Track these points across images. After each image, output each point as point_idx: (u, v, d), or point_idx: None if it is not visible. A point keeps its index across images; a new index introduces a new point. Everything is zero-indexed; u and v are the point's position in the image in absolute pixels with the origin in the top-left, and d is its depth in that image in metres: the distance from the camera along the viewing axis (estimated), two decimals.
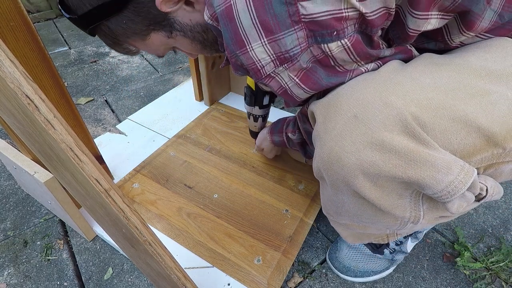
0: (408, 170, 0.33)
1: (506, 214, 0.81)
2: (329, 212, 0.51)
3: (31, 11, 1.92)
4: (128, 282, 0.67)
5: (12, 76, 0.30)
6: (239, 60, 0.39)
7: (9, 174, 0.91)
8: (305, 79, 0.39)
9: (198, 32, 0.46)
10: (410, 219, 0.39)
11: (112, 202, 0.36)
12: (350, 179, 0.36)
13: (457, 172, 0.32)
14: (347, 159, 0.35)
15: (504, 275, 0.68)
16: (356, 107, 0.36)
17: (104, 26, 0.44)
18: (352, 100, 0.36)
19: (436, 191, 0.33)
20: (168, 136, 0.99)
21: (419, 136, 0.33)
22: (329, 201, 0.47)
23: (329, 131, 0.37)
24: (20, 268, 0.70)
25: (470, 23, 0.36)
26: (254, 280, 0.63)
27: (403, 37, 0.38)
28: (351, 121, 0.36)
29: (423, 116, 0.33)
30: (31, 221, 0.79)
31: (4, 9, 0.47)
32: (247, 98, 0.74)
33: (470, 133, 0.33)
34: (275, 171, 0.86)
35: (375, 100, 0.35)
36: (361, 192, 0.37)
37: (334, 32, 0.34)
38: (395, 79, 0.36)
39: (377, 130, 0.34)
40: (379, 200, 0.37)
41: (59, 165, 0.37)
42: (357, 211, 0.42)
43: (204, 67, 1.00)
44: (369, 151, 0.34)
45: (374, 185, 0.36)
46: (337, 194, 0.42)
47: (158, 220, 0.74)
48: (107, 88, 1.33)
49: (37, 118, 0.31)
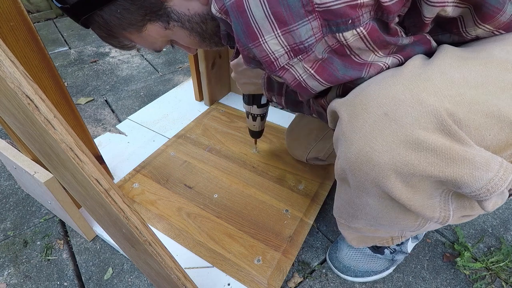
0: (446, 169, 0.32)
1: (506, 214, 0.81)
2: (342, 216, 0.50)
3: (31, 11, 1.92)
4: (128, 282, 0.67)
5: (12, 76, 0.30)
6: (252, 53, 0.38)
7: (9, 174, 0.91)
8: (321, 71, 0.38)
9: (197, 22, 0.45)
10: (439, 219, 0.38)
11: (112, 202, 0.36)
12: (381, 179, 0.35)
13: (496, 169, 0.31)
14: (379, 159, 0.34)
15: (504, 275, 0.68)
16: (386, 104, 0.34)
17: (98, 17, 0.43)
18: (380, 97, 0.35)
19: (474, 189, 0.32)
20: (168, 136, 0.99)
21: (455, 133, 0.32)
22: (347, 203, 0.46)
23: (357, 130, 0.36)
24: (20, 268, 0.70)
25: (487, 16, 0.35)
26: (254, 280, 0.63)
27: (419, 26, 0.37)
28: (382, 119, 0.34)
29: (458, 113, 0.32)
30: (31, 221, 0.79)
31: (4, 9, 0.47)
32: (245, 97, 0.74)
33: (503, 128, 0.32)
34: (275, 171, 0.86)
35: (406, 97, 0.34)
36: (391, 193, 0.35)
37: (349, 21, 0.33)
38: (424, 75, 0.35)
39: (411, 128, 0.32)
40: (410, 201, 0.36)
41: (59, 165, 0.37)
42: (379, 214, 0.42)
43: (204, 67, 1.00)
44: (403, 150, 0.33)
45: (405, 186, 0.35)
46: (360, 196, 0.41)
47: (158, 220, 0.74)
48: (107, 88, 1.33)
49: (37, 118, 0.31)
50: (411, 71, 0.35)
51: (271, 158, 0.91)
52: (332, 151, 0.76)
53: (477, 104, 0.32)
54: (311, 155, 0.79)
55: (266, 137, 0.97)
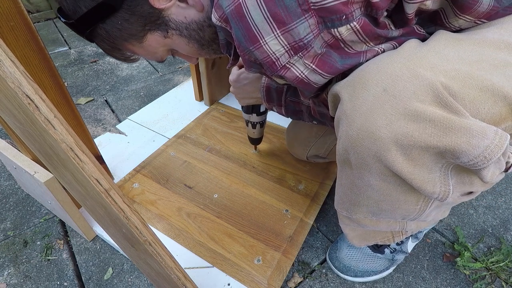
0: (444, 138, 0.33)
1: (506, 214, 0.81)
2: (344, 206, 0.51)
3: (31, 11, 1.92)
4: (128, 282, 0.67)
5: (12, 76, 0.30)
6: (253, 56, 0.40)
7: (9, 174, 0.91)
8: (321, 64, 0.40)
9: (194, 29, 0.47)
10: (440, 194, 0.39)
11: (112, 202, 0.36)
12: (382, 153, 0.36)
13: (492, 136, 0.32)
14: (380, 133, 0.35)
15: (504, 275, 0.68)
16: (384, 81, 0.36)
17: (100, 30, 0.45)
18: (379, 75, 0.36)
19: (472, 157, 0.33)
20: (168, 136, 0.99)
21: (451, 105, 0.33)
22: (349, 189, 0.47)
23: (358, 108, 0.37)
24: (20, 268, 0.70)
25: (464, 7, 0.37)
26: (254, 280, 0.63)
27: (404, 20, 0.39)
28: (381, 95, 0.36)
29: (452, 86, 0.33)
30: (31, 221, 0.79)
31: (4, 9, 0.47)
32: (244, 107, 0.74)
33: (496, 102, 0.34)
34: (275, 171, 0.86)
35: (403, 72, 0.35)
36: (393, 166, 0.36)
37: (343, 17, 0.35)
38: (419, 53, 0.36)
39: (409, 101, 0.34)
40: (411, 174, 0.37)
41: (59, 165, 0.37)
42: (380, 196, 0.42)
43: (204, 67, 1.00)
44: (403, 122, 0.34)
45: (406, 159, 0.36)
46: (362, 175, 0.42)
47: (158, 220, 0.74)
48: (107, 88, 1.33)
49: (37, 118, 0.31)
50: (407, 50, 0.37)
51: (271, 158, 0.91)
52: (333, 148, 0.77)
53: (472, 79, 0.34)
54: (311, 153, 0.80)
55: (266, 137, 0.97)
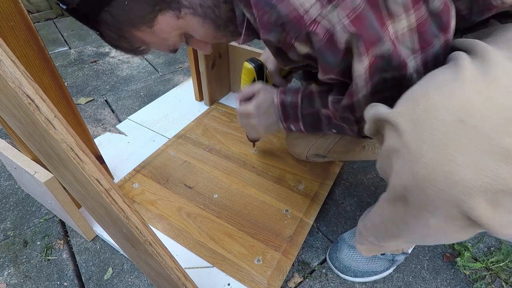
0: None
1: None
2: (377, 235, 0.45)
3: (31, 11, 1.92)
4: (128, 282, 0.67)
5: (13, 76, 0.30)
6: (275, 13, 0.35)
7: (9, 174, 0.91)
8: (357, 21, 0.34)
9: (209, 6, 0.43)
10: None
11: (112, 202, 0.36)
12: (462, 197, 0.29)
13: None
14: (462, 174, 0.29)
15: (504, 275, 0.68)
16: (459, 109, 0.29)
17: (106, 14, 0.41)
18: (449, 102, 0.30)
19: None
20: (168, 136, 0.99)
21: None
22: (392, 223, 0.41)
23: (426, 140, 0.31)
24: (20, 268, 0.70)
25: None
26: (254, 280, 0.63)
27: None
28: (457, 126, 0.29)
29: None
30: (31, 221, 0.79)
31: (4, 9, 0.47)
32: None
33: None
34: (275, 171, 0.86)
35: (480, 100, 0.29)
36: (471, 212, 0.30)
37: None
38: (487, 74, 0.30)
39: (496, 135, 0.28)
40: (489, 220, 0.30)
41: (60, 165, 0.37)
42: (434, 233, 0.37)
43: (204, 67, 1.00)
44: (491, 162, 0.28)
45: (489, 203, 0.30)
46: (419, 216, 0.35)
47: (158, 220, 0.74)
48: (107, 88, 1.33)
49: (37, 118, 0.31)
50: (468, 70, 0.31)
51: (271, 158, 0.91)
52: (333, 147, 0.76)
53: None
54: (311, 152, 0.79)
55: (266, 137, 0.97)
